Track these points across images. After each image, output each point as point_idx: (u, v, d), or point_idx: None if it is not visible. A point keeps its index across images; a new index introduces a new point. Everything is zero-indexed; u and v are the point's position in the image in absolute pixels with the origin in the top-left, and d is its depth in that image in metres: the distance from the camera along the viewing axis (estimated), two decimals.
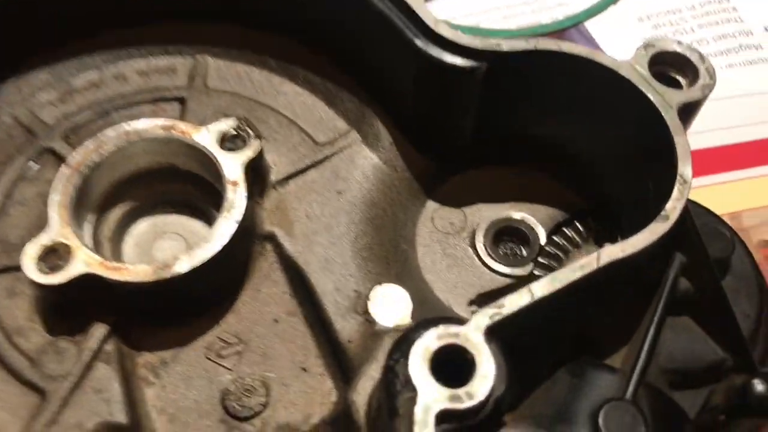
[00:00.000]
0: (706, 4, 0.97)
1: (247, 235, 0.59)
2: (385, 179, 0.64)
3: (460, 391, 0.41)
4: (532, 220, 0.65)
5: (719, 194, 0.81)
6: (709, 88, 0.55)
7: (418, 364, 0.42)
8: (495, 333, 0.44)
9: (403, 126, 0.65)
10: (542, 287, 0.46)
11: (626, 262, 0.48)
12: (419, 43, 0.57)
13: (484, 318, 0.44)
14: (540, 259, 0.63)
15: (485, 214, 0.65)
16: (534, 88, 0.58)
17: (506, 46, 0.56)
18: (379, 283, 0.59)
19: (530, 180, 0.66)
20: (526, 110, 0.61)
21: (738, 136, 0.85)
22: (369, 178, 0.64)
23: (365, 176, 0.64)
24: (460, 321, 0.45)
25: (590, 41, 0.93)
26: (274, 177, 0.63)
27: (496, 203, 0.66)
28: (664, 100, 0.53)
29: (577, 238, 0.64)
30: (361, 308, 0.58)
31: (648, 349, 0.51)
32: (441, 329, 0.43)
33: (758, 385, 0.53)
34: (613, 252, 0.47)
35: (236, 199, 0.56)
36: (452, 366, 0.42)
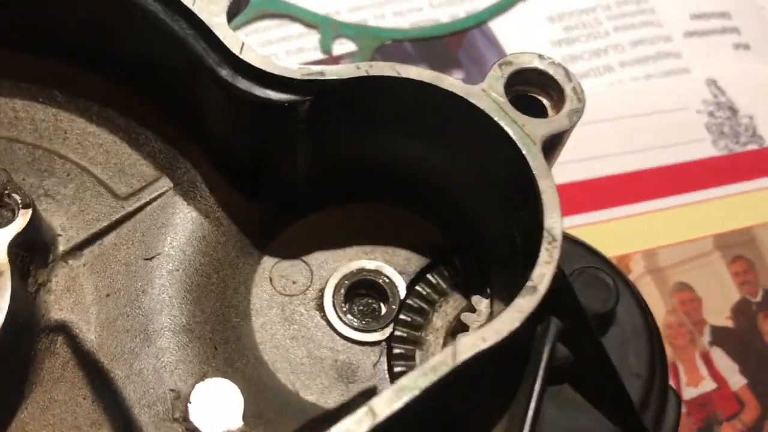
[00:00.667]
0: (622, 4, 0.86)
1: (26, 331, 0.47)
2: (208, 236, 0.53)
3: None
4: (389, 270, 0.54)
5: (629, 229, 0.70)
6: (578, 113, 0.45)
7: None
8: None
9: (224, 169, 0.53)
10: (385, 403, 0.36)
11: (489, 351, 0.38)
12: (224, 73, 0.45)
13: None
14: (402, 316, 0.53)
15: (333, 266, 0.54)
16: (374, 119, 0.48)
17: (332, 74, 0.45)
18: (203, 376, 0.47)
19: (385, 219, 0.56)
20: (369, 143, 0.50)
21: (653, 159, 0.75)
22: (186, 236, 0.52)
23: (181, 234, 0.52)
24: None
25: (493, 43, 0.81)
26: (62, 247, 0.50)
27: (346, 251, 0.55)
28: (525, 133, 0.44)
29: (443, 285, 0.55)
30: (180, 413, 0.46)
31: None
32: None
33: None
34: (472, 343, 0.38)
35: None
36: None
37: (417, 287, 0.55)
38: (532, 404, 0.43)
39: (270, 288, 0.54)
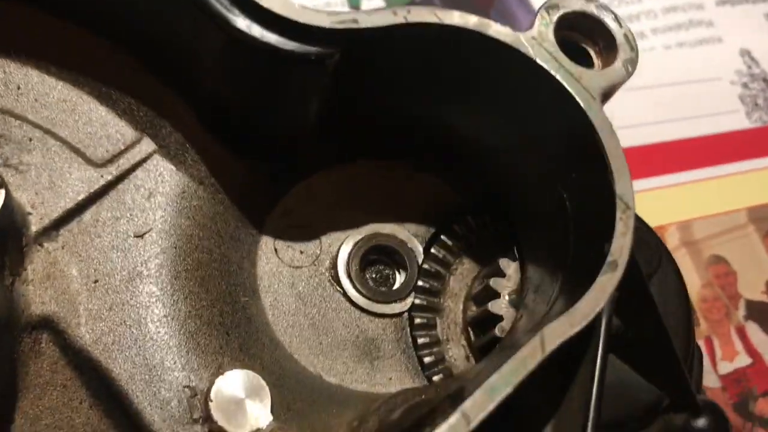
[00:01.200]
0: None
1: (7, 332, 0.39)
2: (203, 206, 0.46)
3: None
4: (404, 234, 0.50)
5: (663, 200, 0.68)
6: (633, 63, 0.42)
7: None
8: None
9: (216, 127, 0.46)
10: (479, 407, 0.32)
11: (575, 337, 0.35)
12: (238, 21, 0.38)
13: None
14: (420, 283, 0.49)
15: (345, 234, 0.49)
16: (406, 72, 0.42)
17: (367, 22, 0.38)
18: (219, 367, 0.42)
19: (394, 177, 0.51)
20: (398, 98, 0.44)
21: (685, 130, 0.73)
22: (178, 206, 0.45)
23: (173, 205, 0.45)
24: None
25: (524, 2, 0.76)
26: (35, 227, 0.42)
27: (354, 214, 0.50)
28: (583, 86, 0.40)
29: (459, 245, 0.51)
30: (199, 412, 0.41)
31: (594, 417, 0.39)
32: None
33: (701, 423, 0.45)
34: (561, 331, 0.34)
35: None
36: None
37: (432, 250, 0.50)
38: (596, 378, 0.40)
39: (276, 260, 0.48)
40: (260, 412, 0.41)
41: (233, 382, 0.41)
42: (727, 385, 0.64)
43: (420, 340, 0.48)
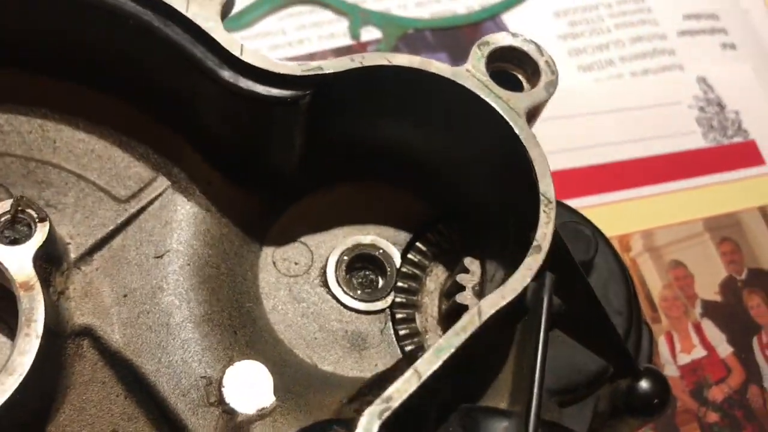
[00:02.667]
0: (622, 3, 0.91)
1: (56, 339, 0.48)
2: (211, 229, 0.55)
3: None
4: (383, 243, 0.58)
5: (629, 211, 0.77)
6: (553, 85, 0.50)
7: None
8: (387, 427, 0.38)
9: (219, 163, 0.55)
10: (427, 364, 0.40)
11: (507, 306, 0.43)
12: (226, 74, 0.48)
13: (373, 419, 0.38)
14: (400, 284, 0.58)
15: (331, 244, 0.58)
16: (370, 106, 0.51)
17: (330, 68, 0.48)
18: (231, 360, 0.50)
19: (373, 195, 0.60)
20: (364, 127, 0.53)
21: (649, 149, 0.82)
22: (191, 231, 0.54)
23: (186, 230, 0.54)
24: (346, 425, 0.38)
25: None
26: (73, 254, 0.52)
27: (340, 228, 0.59)
28: (510, 107, 0.48)
29: (432, 250, 0.59)
30: (215, 397, 0.49)
31: (538, 385, 0.47)
32: None
33: (643, 385, 0.52)
34: (493, 301, 0.43)
35: (34, 308, 0.45)
36: None
37: (409, 255, 0.59)
38: (540, 348, 0.48)
39: (275, 271, 0.57)
40: (264, 394, 0.49)
41: (241, 371, 0.50)
42: (684, 374, 0.72)
43: (401, 332, 0.57)
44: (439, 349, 0.41)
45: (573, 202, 0.75)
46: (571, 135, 0.79)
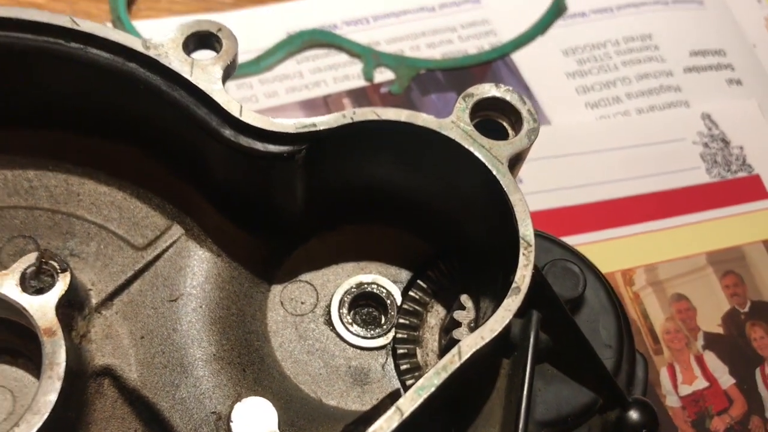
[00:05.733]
0: (630, 41, 0.93)
1: (78, 380, 0.53)
2: (222, 273, 0.59)
3: None
4: (384, 281, 0.62)
5: (632, 246, 0.79)
6: (535, 132, 0.53)
7: None
8: None
9: (228, 211, 0.60)
10: (409, 403, 0.43)
11: (486, 346, 0.46)
12: (227, 133, 0.52)
13: None
14: (401, 320, 0.61)
15: (335, 284, 0.61)
16: (364, 156, 0.55)
17: (323, 125, 0.51)
18: (239, 397, 0.54)
19: (374, 237, 0.63)
20: (359, 175, 0.57)
21: (654, 184, 0.83)
22: (203, 275, 0.59)
23: (199, 275, 0.58)
24: None
25: (514, 73, 0.89)
26: (95, 300, 0.56)
27: (344, 268, 0.62)
28: (492, 155, 0.51)
29: (433, 287, 0.62)
30: (223, 431, 0.53)
31: (524, 417, 0.50)
32: None
33: (632, 415, 0.54)
34: (473, 342, 0.46)
35: (55, 352, 0.49)
36: None
37: (410, 292, 0.62)
38: (526, 382, 0.51)
39: (282, 311, 0.60)
40: (270, 428, 0.53)
41: (249, 407, 0.53)
42: (686, 405, 0.73)
43: (402, 367, 0.60)
44: (420, 388, 0.44)
45: (577, 238, 0.77)
46: (578, 172, 0.81)
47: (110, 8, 0.85)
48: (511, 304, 0.47)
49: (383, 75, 0.87)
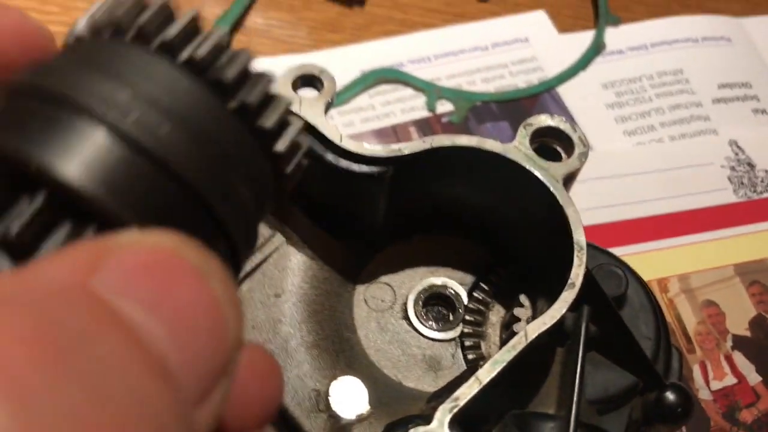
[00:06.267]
0: (662, 75, 1.04)
1: None
2: (316, 274, 0.70)
3: None
4: (452, 284, 0.72)
5: (667, 257, 0.89)
6: (585, 155, 0.63)
7: None
8: (456, 422, 0.51)
9: (322, 223, 0.70)
10: (486, 373, 0.53)
11: (547, 331, 0.56)
12: (329, 157, 0.63)
13: (445, 413, 0.51)
14: (467, 317, 0.71)
15: (410, 285, 0.72)
16: (439, 176, 0.65)
17: (407, 150, 0.62)
18: (334, 376, 0.64)
19: (444, 246, 0.73)
20: (435, 194, 0.68)
21: (686, 204, 0.93)
22: (301, 276, 0.69)
23: (297, 275, 0.69)
24: (425, 419, 0.51)
25: (559, 104, 1.01)
26: None
27: (417, 272, 0.73)
28: (550, 174, 0.62)
29: (494, 290, 0.72)
30: (323, 405, 0.63)
31: (578, 394, 0.59)
32: None
33: (669, 396, 0.63)
34: (537, 326, 0.55)
35: None
36: None
37: (474, 294, 0.72)
38: (578, 375, 0.60)
39: (366, 307, 0.71)
40: (361, 402, 0.63)
41: (343, 385, 0.64)
42: (717, 398, 0.82)
43: (469, 357, 0.69)
44: (495, 362, 0.54)
45: (618, 250, 0.86)
46: (617, 192, 0.91)
47: None
48: (568, 296, 0.57)
49: (444, 106, 0.98)
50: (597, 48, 1.03)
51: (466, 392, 0.52)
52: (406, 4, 1.04)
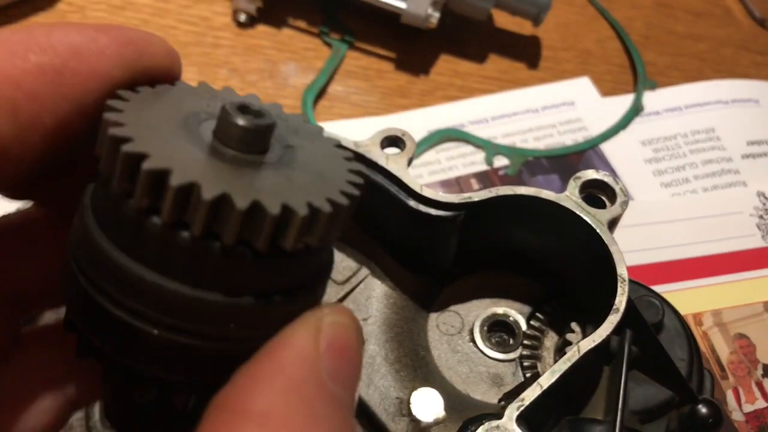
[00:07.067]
0: (696, 133, 1.18)
1: None
2: (396, 302, 0.82)
3: None
4: (512, 313, 0.84)
5: (701, 295, 1.00)
6: (626, 203, 0.75)
7: None
8: (522, 419, 0.63)
9: (401, 260, 0.83)
10: (547, 380, 0.65)
11: (596, 347, 0.67)
12: (411, 203, 0.76)
13: (513, 410, 0.63)
14: (525, 342, 0.83)
15: (476, 313, 0.84)
16: (502, 220, 0.78)
17: (476, 197, 0.75)
18: (414, 387, 0.76)
19: (505, 281, 0.85)
20: (498, 235, 0.80)
21: (717, 248, 1.06)
22: (383, 303, 0.82)
23: (380, 302, 0.82)
24: (497, 415, 0.63)
25: (603, 160, 1.15)
26: None
27: (482, 302, 0.85)
28: (597, 219, 0.74)
29: (548, 318, 0.84)
30: (405, 411, 0.75)
31: (623, 403, 0.70)
32: (487, 425, 0.61)
33: (702, 409, 0.74)
34: (588, 343, 0.67)
35: None
36: None
37: (531, 322, 0.84)
38: (622, 387, 0.72)
39: (438, 332, 0.83)
40: (438, 408, 0.75)
41: (422, 394, 0.75)
42: (749, 420, 0.92)
43: (527, 375, 0.81)
44: (554, 371, 0.65)
45: (655, 288, 0.98)
46: (655, 237, 1.03)
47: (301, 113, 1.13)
48: (613, 319, 0.68)
49: (500, 161, 1.11)
50: (636, 110, 1.16)
51: (530, 394, 0.64)
52: (465, 73, 1.18)
